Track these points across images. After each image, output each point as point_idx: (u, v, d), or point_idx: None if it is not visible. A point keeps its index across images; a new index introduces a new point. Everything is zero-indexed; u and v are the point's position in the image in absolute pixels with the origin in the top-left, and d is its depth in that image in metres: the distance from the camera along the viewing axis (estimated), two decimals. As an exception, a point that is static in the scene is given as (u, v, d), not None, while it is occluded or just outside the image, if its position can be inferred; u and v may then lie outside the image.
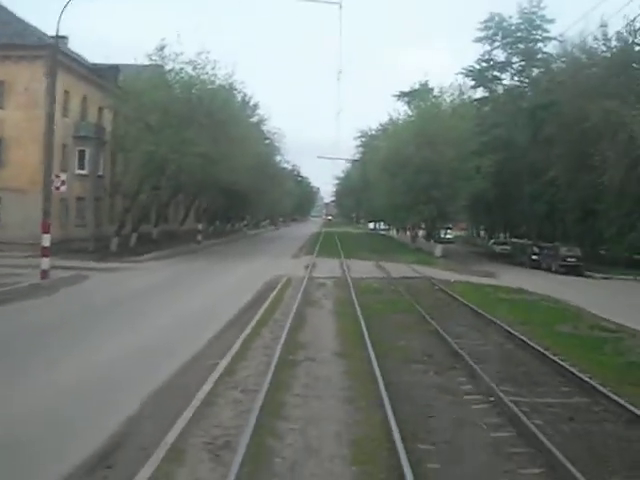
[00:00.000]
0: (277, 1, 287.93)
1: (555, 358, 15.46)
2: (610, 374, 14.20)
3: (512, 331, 18.89)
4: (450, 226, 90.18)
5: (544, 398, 12.40)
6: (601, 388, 12.73)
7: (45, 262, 29.11)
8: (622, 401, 11.85)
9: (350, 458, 9.21)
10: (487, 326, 20.56)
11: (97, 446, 9.37)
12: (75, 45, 52.73)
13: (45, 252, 29.25)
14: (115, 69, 52.80)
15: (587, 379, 13.47)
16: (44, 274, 28.82)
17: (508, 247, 64.95)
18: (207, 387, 12.08)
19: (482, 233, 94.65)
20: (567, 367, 14.56)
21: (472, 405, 11.91)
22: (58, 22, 32.48)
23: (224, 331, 18.32)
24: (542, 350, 16.29)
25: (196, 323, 19.58)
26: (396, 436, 9.47)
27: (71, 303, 24.66)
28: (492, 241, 74.79)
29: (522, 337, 17.91)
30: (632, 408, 11.43)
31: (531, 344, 17.06)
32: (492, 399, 12.03)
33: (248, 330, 17.85)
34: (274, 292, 26.64)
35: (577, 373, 14.01)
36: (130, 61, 49.25)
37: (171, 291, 28.32)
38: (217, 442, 9.57)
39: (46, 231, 29.79)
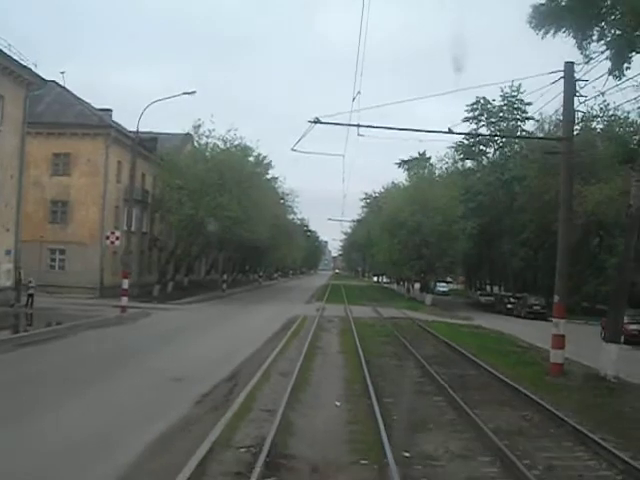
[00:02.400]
0: (291, 55, 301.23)
1: (471, 357, 25.26)
2: (502, 367, 23.63)
3: (455, 345, 28.71)
4: (446, 279, 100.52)
5: (452, 370, 22.19)
6: (489, 369, 22.45)
7: (124, 300, 38.98)
8: (496, 372, 21.60)
9: (342, 382, 19.16)
10: (440, 343, 30.64)
11: (224, 375, 19.19)
12: (116, 115, 62.97)
13: (124, 293, 39.13)
14: (154, 140, 63.14)
15: (485, 366, 23.13)
16: (123, 309, 38.73)
17: (492, 298, 74.76)
18: (271, 357, 22.22)
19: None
20: (476, 361, 24.31)
21: (413, 373, 21.65)
22: (139, 119, 43.32)
23: (268, 342, 28.26)
24: (466, 353, 26.13)
25: (248, 338, 29.27)
26: (368, 379, 19.09)
27: (151, 328, 34.73)
28: (479, 293, 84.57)
29: (459, 348, 27.74)
30: (496, 373, 21.25)
31: (461, 350, 27.00)
32: (424, 370, 21.82)
33: (284, 341, 27.85)
34: (295, 324, 36.42)
35: (480, 363, 23.71)
36: (164, 129, 59.24)
37: (219, 322, 38.36)
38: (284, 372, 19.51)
39: (125, 277, 39.78)
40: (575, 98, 23.08)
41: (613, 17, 18.63)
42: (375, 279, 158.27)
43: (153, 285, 57.93)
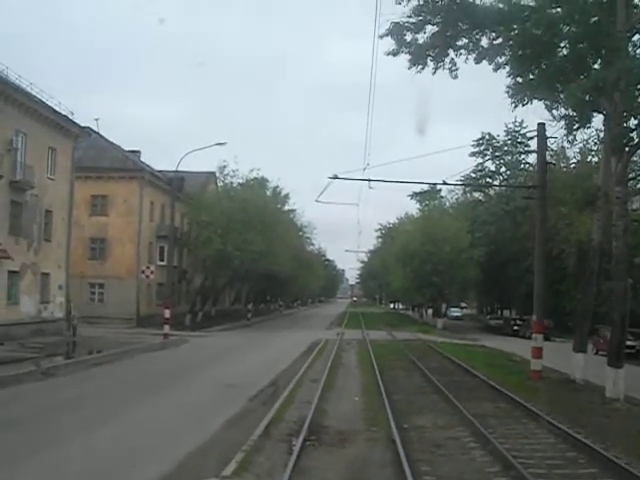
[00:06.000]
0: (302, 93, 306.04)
1: (469, 368, 30.09)
2: (493, 376, 28.22)
3: (456, 360, 33.58)
4: (459, 305, 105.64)
5: (450, 378, 27.01)
6: (481, 377, 27.22)
7: (166, 328, 44.02)
8: (486, 379, 26.37)
9: (360, 385, 24.09)
10: (444, 359, 35.58)
11: (266, 382, 24.05)
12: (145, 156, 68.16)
13: (166, 321, 44.12)
14: (182, 180, 68.05)
15: (479, 375, 27.86)
16: (166, 336, 43.71)
17: (500, 321, 79.37)
18: (302, 370, 27.31)
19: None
20: (472, 371, 29.14)
21: (417, 380, 26.54)
22: (177, 166, 48.66)
23: (297, 360, 33.19)
24: (465, 366, 30.99)
25: (279, 357, 34.03)
26: (380, 384, 23.90)
27: (194, 351, 39.76)
28: (488, 316, 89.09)
29: (459, 362, 32.61)
30: (486, 380, 26.06)
31: (460, 364, 31.91)
32: (427, 378, 26.66)
33: (310, 359, 32.90)
34: (319, 346, 41.30)
35: (475, 373, 28.52)
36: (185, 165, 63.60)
37: (251, 346, 43.20)
38: (315, 379, 24.38)
39: (168, 307, 44.71)
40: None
41: (563, 98, 23.65)
42: (391, 306, 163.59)
43: (184, 315, 62.61)
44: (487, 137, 79.81)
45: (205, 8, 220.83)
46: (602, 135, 28.33)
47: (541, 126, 29.02)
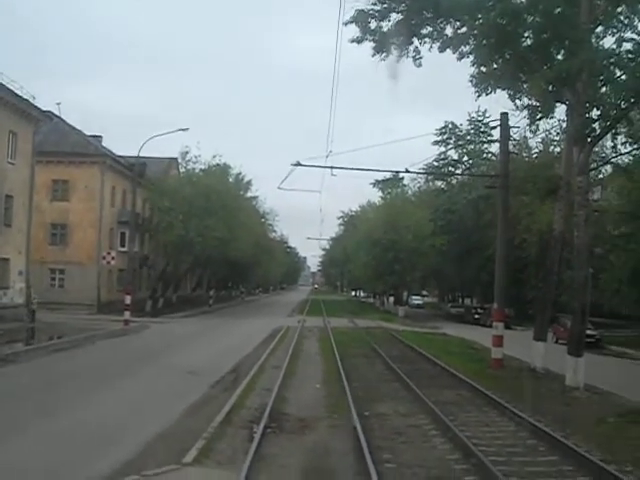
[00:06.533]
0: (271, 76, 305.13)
1: (430, 357, 30.22)
2: (454, 363, 28.45)
3: (418, 349, 33.71)
4: (421, 293, 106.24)
5: (412, 366, 27.13)
6: (442, 364, 27.37)
7: (127, 314, 43.66)
8: (447, 367, 26.52)
9: (321, 373, 24.07)
10: (405, 347, 35.75)
11: (228, 369, 23.94)
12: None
13: (127, 308, 43.76)
14: (144, 165, 67.26)
15: (440, 363, 28.01)
16: (127, 323, 43.36)
17: (462, 309, 79.96)
18: (263, 357, 27.19)
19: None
20: (433, 359, 29.28)
21: (378, 367, 26.62)
22: (139, 150, 48.29)
23: (259, 346, 33.11)
24: (426, 354, 31.11)
25: (241, 344, 33.96)
26: (341, 371, 23.92)
27: (155, 337, 39.55)
28: (450, 304, 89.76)
29: (421, 350, 32.74)
30: (447, 368, 26.20)
31: (422, 352, 32.03)
32: (388, 366, 26.74)
33: (272, 345, 32.82)
34: (281, 332, 41.34)
35: (436, 361, 28.62)
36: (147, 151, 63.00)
37: (213, 332, 43.27)
38: (276, 365, 24.33)
39: (128, 293, 44.33)
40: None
41: (526, 87, 23.79)
42: (353, 294, 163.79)
43: (145, 301, 62.23)
44: (450, 126, 79.60)
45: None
46: (565, 125, 28.58)
47: (504, 116, 29.20)
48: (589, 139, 23.68)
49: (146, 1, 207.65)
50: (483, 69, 24.82)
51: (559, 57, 23.63)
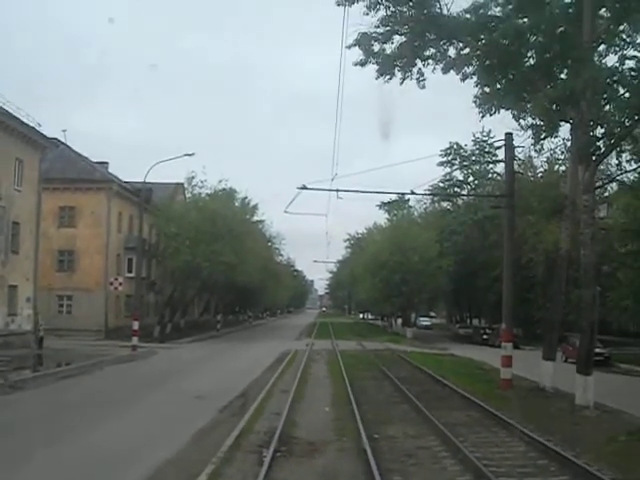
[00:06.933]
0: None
1: (439, 378, 30.10)
2: (463, 384, 28.34)
3: (426, 370, 33.57)
4: (429, 314, 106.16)
5: (420, 387, 27.04)
6: (451, 385, 27.26)
7: (135, 340, 43.67)
8: (456, 388, 26.41)
9: (330, 396, 23.96)
10: (414, 368, 35.64)
11: (236, 393, 23.86)
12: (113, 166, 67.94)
13: (134, 333, 43.79)
14: (149, 190, 67.20)
15: (449, 384, 27.90)
16: (134, 348, 43.34)
17: (470, 330, 79.69)
18: (272, 381, 27.12)
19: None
20: (442, 380, 29.16)
21: (387, 389, 26.53)
22: (145, 176, 48.28)
23: (267, 370, 33.09)
24: (435, 375, 30.99)
25: (249, 368, 33.89)
26: (350, 394, 23.83)
27: (163, 363, 39.37)
28: (457, 325, 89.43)
29: (429, 372, 32.62)
30: (456, 389, 26.09)
31: (430, 373, 31.92)
32: (397, 387, 26.64)
33: (280, 369, 32.74)
34: (289, 356, 41.24)
35: (445, 382, 28.52)
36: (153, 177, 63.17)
37: (221, 357, 43.16)
38: (284, 389, 24.25)
39: (136, 319, 44.34)
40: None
41: (530, 107, 23.86)
42: (360, 316, 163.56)
43: (153, 326, 62.08)
44: (455, 147, 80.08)
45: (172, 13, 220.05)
46: (569, 144, 28.51)
47: (508, 136, 29.31)
48: (594, 157, 23.65)
49: (149, 29, 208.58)
50: (487, 89, 24.92)
51: (562, 76, 23.76)
